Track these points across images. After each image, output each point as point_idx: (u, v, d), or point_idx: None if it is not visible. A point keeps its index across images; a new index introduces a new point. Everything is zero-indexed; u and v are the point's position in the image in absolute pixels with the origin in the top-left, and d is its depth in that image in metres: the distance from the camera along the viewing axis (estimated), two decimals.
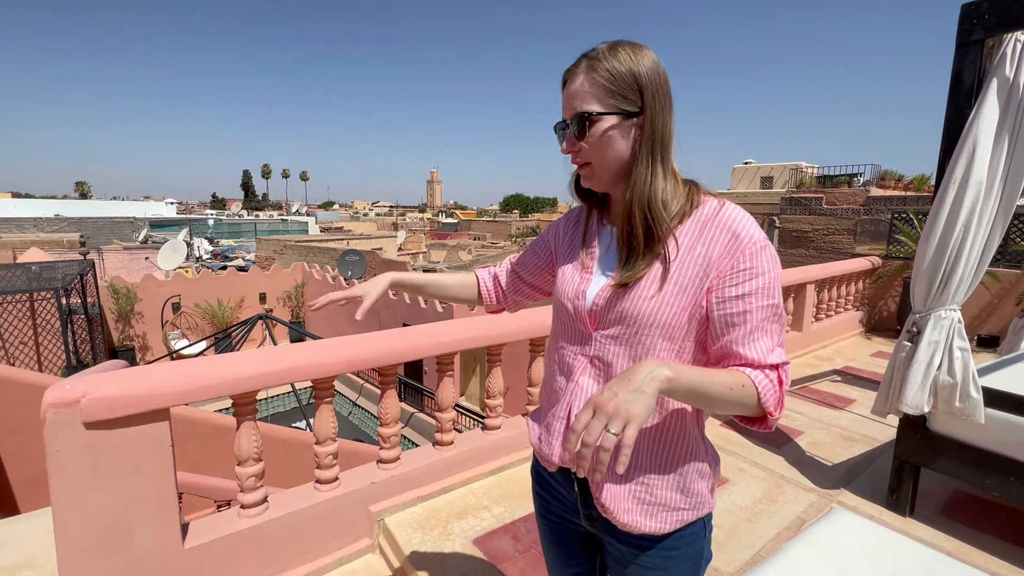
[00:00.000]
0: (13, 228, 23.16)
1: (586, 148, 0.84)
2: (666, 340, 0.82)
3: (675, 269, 0.81)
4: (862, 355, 4.64)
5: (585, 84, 0.81)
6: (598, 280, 0.90)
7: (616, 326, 0.85)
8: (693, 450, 0.89)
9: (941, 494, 2.32)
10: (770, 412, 0.78)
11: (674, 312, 0.81)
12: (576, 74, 0.83)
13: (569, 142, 0.85)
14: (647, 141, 0.82)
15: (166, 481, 1.55)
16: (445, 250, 27.25)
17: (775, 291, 0.80)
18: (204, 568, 1.64)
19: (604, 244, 0.94)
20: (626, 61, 0.81)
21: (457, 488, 2.27)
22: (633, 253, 0.84)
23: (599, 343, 0.88)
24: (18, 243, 17.05)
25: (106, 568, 1.47)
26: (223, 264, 19.19)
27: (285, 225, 35.88)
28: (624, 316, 0.83)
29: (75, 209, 31.52)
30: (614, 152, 0.83)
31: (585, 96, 0.81)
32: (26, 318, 7.10)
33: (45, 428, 1.36)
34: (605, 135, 0.82)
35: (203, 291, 13.95)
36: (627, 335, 0.84)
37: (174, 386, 1.53)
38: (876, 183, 16.17)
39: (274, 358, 1.78)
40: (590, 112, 0.81)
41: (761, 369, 0.78)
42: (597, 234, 0.96)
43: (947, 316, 1.99)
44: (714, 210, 0.83)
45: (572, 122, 0.83)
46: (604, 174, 0.86)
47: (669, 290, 0.81)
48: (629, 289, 0.83)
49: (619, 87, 0.80)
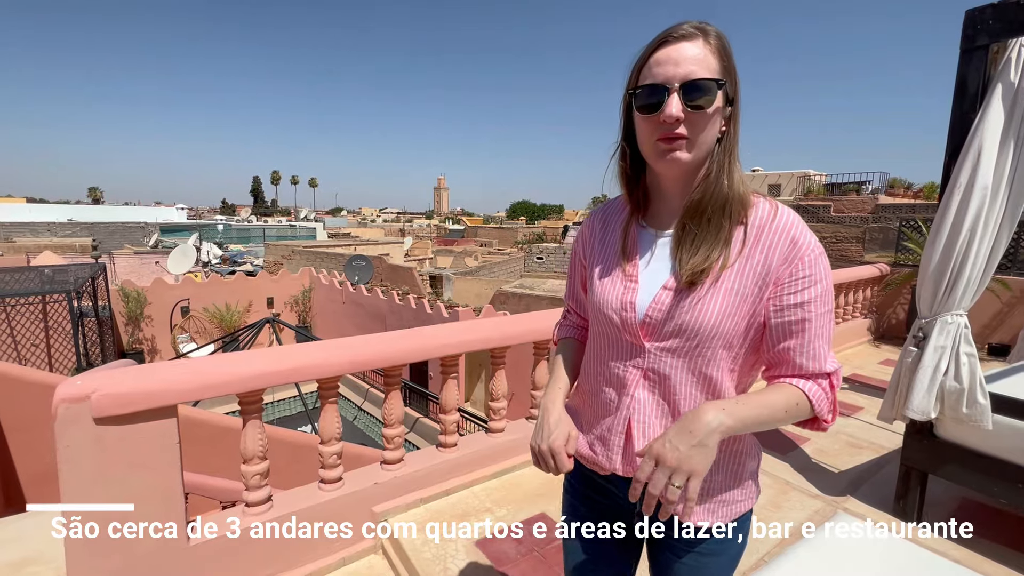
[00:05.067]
0: (27, 232, 23.55)
1: (696, 118, 0.75)
2: (725, 349, 0.80)
3: (736, 276, 0.78)
4: (870, 363, 4.59)
5: (703, 51, 0.74)
6: (648, 288, 0.83)
7: (675, 338, 0.80)
8: (747, 446, 0.91)
9: (949, 502, 2.29)
10: (825, 419, 0.79)
11: (735, 322, 0.78)
12: (688, 37, 0.75)
13: (677, 107, 0.74)
14: (737, 131, 0.79)
15: (173, 477, 1.57)
16: (451, 256, 27.32)
17: (831, 298, 0.79)
18: (209, 564, 1.66)
19: (647, 249, 0.87)
20: (726, 40, 0.77)
21: (460, 490, 2.27)
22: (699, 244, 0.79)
23: (654, 356, 0.83)
24: (32, 247, 17.30)
25: (113, 563, 1.48)
26: (232, 269, 19.36)
27: (293, 231, 36.18)
28: (685, 329, 0.79)
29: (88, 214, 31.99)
30: (711, 135, 0.77)
31: (704, 63, 0.74)
32: (38, 320, 7.19)
33: (56, 422, 1.39)
34: (714, 114, 0.76)
35: (212, 295, 14.07)
36: (687, 348, 0.80)
37: (182, 383, 1.55)
38: (885, 191, 16.08)
39: (280, 357, 1.81)
40: (719, 79, 0.74)
41: (814, 379, 0.78)
42: (636, 237, 0.89)
43: (953, 321, 1.98)
44: (769, 214, 0.79)
45: (685, 88, 0.74)
46: (697, 155, 0.78)
47: (731, 300, 0.78)
48: (688, 297, 0.79)
49: (728, 67, 0.76)
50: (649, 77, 0.77)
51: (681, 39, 0.75)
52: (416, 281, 15.60)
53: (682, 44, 0.75)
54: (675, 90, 0.74)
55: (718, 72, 0.75)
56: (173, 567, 1.59)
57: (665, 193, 0.87)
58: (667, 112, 0.75)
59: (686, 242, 0.81)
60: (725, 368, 0.82)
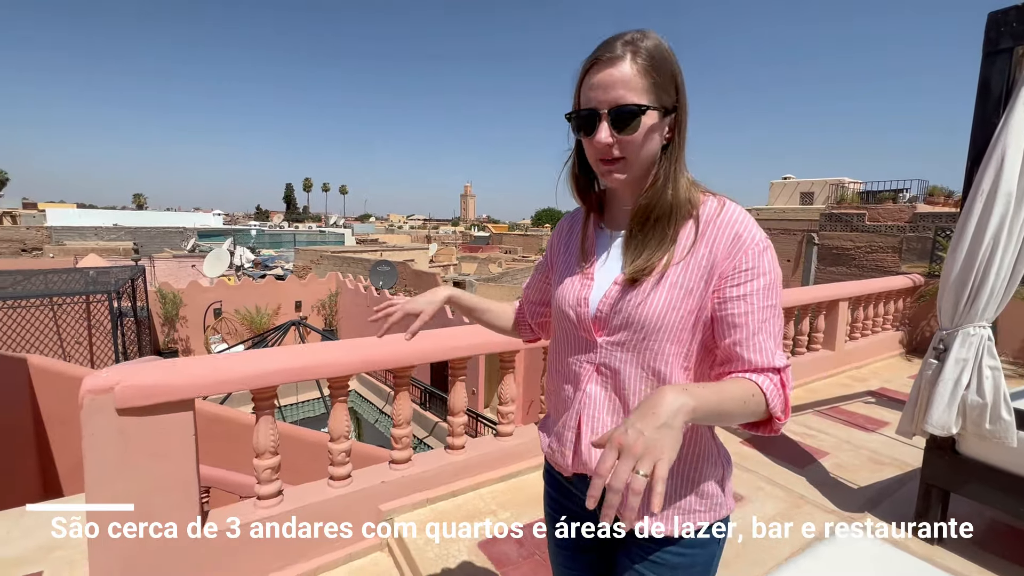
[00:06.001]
0: (76, 236, 24.86)
1: (626, 143, 0.78)
2: (673, 344, 0.81)
3: (681, 271, 0.80)
4: (900, 377, 4.42)
5: (630, 72, 0.75)
6: (601, 286, 0.87)
7: (622, 332, 0.82)
8: (705, 451, 0.88)
9: (975, 522, 2.18)
10: (778, 417, 0.76)
11: (681, 316, 0.79)
12: (616, 60, 0.76)
13: (606, 135, 0.77)
14: (682, 139, 0.81)
15: (188, 468, 1.65)
16: (476, 263, 27.52)
17: (775, 292, 0.79)
18: (221, 553, 1.72)
19: (604, 249, 0.91)
20: (665, 52, 0.77)
21: (466, 492, 2.30)
22: (643, 248, 0.82)
23: (605, 350, 0.85)
24: (80, 250, 18.26)
25: (130, 547, 1.56)
26: (263, 273, 19.98)
27: (323, 236, 37.12)
28: (631, 322, 0.81)
29: (132, 219, 33.58)
30: (649, 149, 0.79)
31: (631, 86, 0.75)
32: (82, 318, 7.57)
33: (82, 412, 1.48)
34: (648, 132, 0.77)
35: (243, 298, 14.56)
36: (634, 341, 0.82)
37: (198, 378, 1.63)
38: (924, 199, 15.45)
39: (291, 356, 1.88)
40: (642, 105, 0.75)
41: (765, 373, 0.77)
42: (595, 240, 0.93)
43: (976, 333, 1.91)
44: (715, 210, 0.81)
45: (613, 114, 0.76)
46: (636, 171, 0.81)
47: (676, 293, 0.79)
48: (634, 291, 0.81)
49: (663, 80, 0.77)
50: (583, 100, 0.80)
51: (608, 62, 0.76)
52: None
53: (609, 68, 0.76)
54: (604, 116, 0.77)
55: (647, 91, 0.76)
56: (187, 554, 1.66)
57: (618, 197, 0.91)
58: (597, 139, 0.78)
59: (630, 245, 0.85)
60: (676, 365, 0.82)
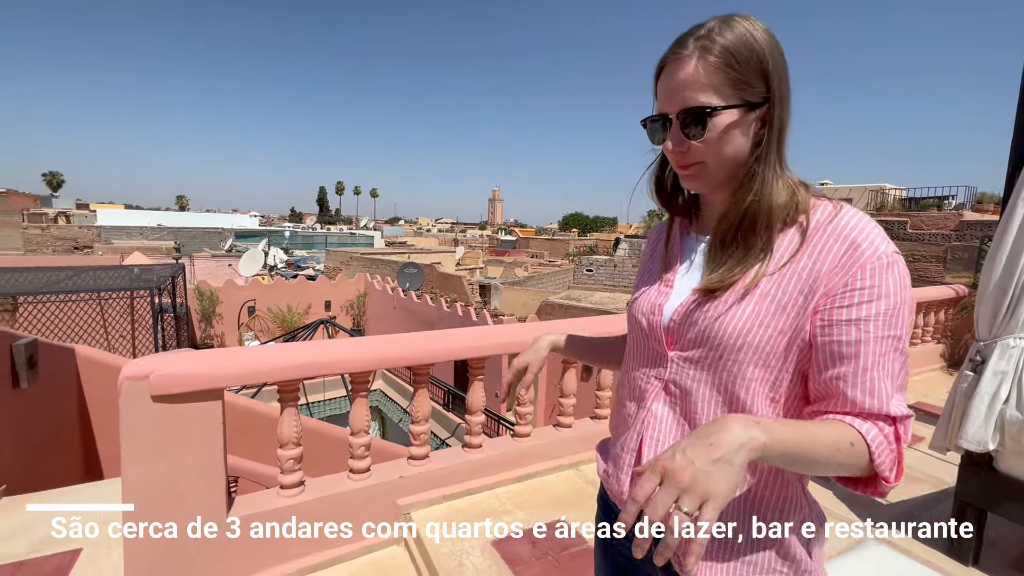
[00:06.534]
0: (123, 235, 26.17)
1: (699, 147, 0.70)
2: (759, 368, 0.69)
3: (774, 284, 0.68)
4: (938, 391, 4.22)
5: (699, 71, 0.68)
6: (679, 294, 0.78)
7: (697, 347, 0.73)
8: (792, 502, 0.73)
9: (1015, 544, 2.07)
10: (885, 477, 0.63)
11: (769, 335, 0.67)
12: (683, 59, 0.69)
13: (675, 140, 0.71)
14: (773, 136, 0.70)
15: (216, 455, 1.72)
16: (502, 267, 27.64)
17: (900, 320, 0.64)
18: (244, 537, 1.79)
19: (689, 256, 0.83)
20: (747, 40, 0.68)
21: (482, 491, 2.32)
22: (724, 258, 0.73)
23: (676, 366, 0.76)
24: (126, 248, 19.20)
25: (162, 527, 1.64)
26: (295, 273, 20.58)
27: (353, 238, 38.01)
28: (707, 336, 0.71)
29: (175, 219, 35.13)
30: (732, 150, 0.71)
31: (700, 85, 0.68)
32: (126, 313, 7.96)
33: (120, 398, 1.57)
34: (727, 132, 0.69)
35: (275, 297, 15.03)
36: (710, 359, 0.71)
37: (227, 369, 1.70)
38: (972, 206, 14.73)
39: (316, 351, 1.94)
40: (710, 107, 0.68)
41: (874, 421, 0.63)
42: (681, 245, 0.85)
43: (1016, 345, 1.81)
44: (827, 216, 0.69)
45: (681, 117, 0.70)
46: (717, 175, 0.73)
47: (764, 307, 0.68)
48: (714, 301, 0.71)
49: (743, 73, 0.68)
50: (656, 104, 0.74)
51: (676, 62, 0.70)
52: (465, 290, 15.91)
53: (679, 67, 0.69)
54: (672, 121, 0.71)
55: (721, 88, 0.68)
56: (213, 536, 1.73)
57: (709, 200, 0.82)
58: (667, 146, 0.73)
59: (713, 254, 0.75)
60: (760, 393, 0.70)
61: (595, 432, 2.67)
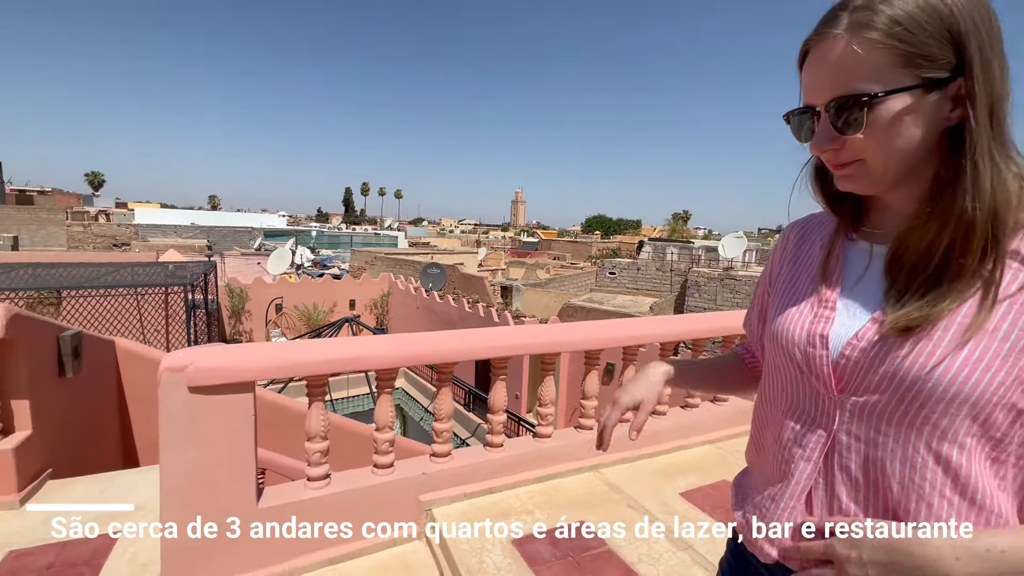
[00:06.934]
0: (159, 233, 27.20)
1: (857, 142, 0.57)
2: (977, 424, 0.53)
3: (1006, 317, 0.52)
4: None
5: (854, 51, 0.54)
6: (850, 318, 0.62)
7: (885, 393, 0.57)
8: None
9: None
10: None
11: (998, 382, 0.51)
12: (833, 39, 0.56)
13: (825, 137, 0.59)
14: (982, 116, 0.52)
15: (247, 446, 1.78)
16: (523, 268, 27.67)
17: None
18: (272, 527, 1.85)
19: (856, 268, 0.65)
20: (929, 3, 0.52)
21: (503, 490, 2.33)
22: (924, 283, 0.56)
23: (851, 416, 0.60)
24: (161, 246, 19.93)
25: (195, 512, 1.71)
26: (321, 272, 21.04)
27: (377, 239, 38.66)
28: (902, 382, 0.55)
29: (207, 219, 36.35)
30: (905, 142, 0.55)
31: (855, 69, 0.54)
32: (161, 308, 8.26)
33: (160, 388, 1.64)
34: (895, 122, 0.54)
35: (302, 295, 15.38)
36: (904, 409, 0.56)
37: (259, 363, 1.76)
38: None
39: (344, 346, 1.99)
40: (869, 94, 0.54)
41: None
42: (842, 252, 0.68)
43: None
44: None
45: (831, 109, 0.57)
46: (885, 174, 0.58)
47: (992, 348, 0.52)
48: (912, 338, 0.55)
49: (918, 45, 0.52)
50: (801, 95, 0.62)
51: (823, 43, 0.57)
52: (487, 291, 16.00)
53: (827, 49, 0.56)
54: (819, 114, 0.59)
55: (887, 69, 0.53)
56: (243, 524, 1.79)
57: (880, 197, 0.65)
58: (815, 144, 0.61)
59: (903, 277, 0.58)
60: (978, 452, 0.54)
61: (616, 436, 2.64)
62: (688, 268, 20.50)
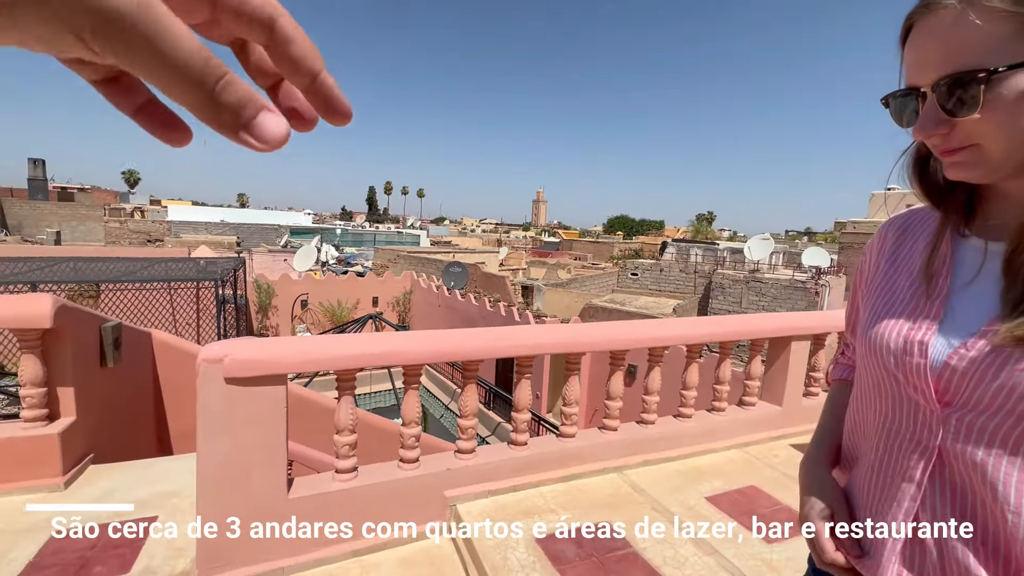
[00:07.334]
0: (190, 230, 28.03)
1: (972, 124, 0.50)
2: None
3: None
4: None
5: (969, 22, 0.48)
6: (957, 325, 0.56)
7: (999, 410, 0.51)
8: None
9: None
10: None
11: None
12: (941, 10, 0.50)
13: (933, 120, 0.52)
14: None
15: (278, 437, 1.83)
16: (544, 268, 27.62)
17: None
18: (302, 516, 1.89)
19: (968, 267, 0.59)
20: None
21: (526, 488, 2.34)
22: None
23: (957, 434, 0.55)
24: (192, 242, 20.55)
25: (229, 499, 1.76)
26: (345, 269, 21.39)
27: (400, 237, 39.09)
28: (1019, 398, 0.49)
29: (236, 216, 37.27)
30: None
31: (969, 42, 0.48)
32: (192, 302, 8.52)
33: (198, 378, 1.69)
34: (1020, 100, 0.47)
35: (327, 291, 15.66)
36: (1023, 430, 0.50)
37: (291, 356, 1.81)
38: None
39: (371, 343, 2.02)
40: (988, 69, 0.47)
41: None
42: (951, 250, 0.61)
43: None
44: None
45: (940, 90, 0.51)
46: (1005, 160, 0.51)
47: None
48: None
49: None
50: (903, 75, 0.56)
51: (929, 15, 0.51)
52: (508, 290, 16.02)
53: (932, 22, 0.50)
54: (928, 95, 0.52)
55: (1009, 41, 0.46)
56: (274, 512, 1.84)
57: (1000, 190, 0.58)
58: (919, 128, 0.54)
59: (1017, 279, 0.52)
60: None
61: (640, 437, 2.63)
62: (713, 270, 20.16)
